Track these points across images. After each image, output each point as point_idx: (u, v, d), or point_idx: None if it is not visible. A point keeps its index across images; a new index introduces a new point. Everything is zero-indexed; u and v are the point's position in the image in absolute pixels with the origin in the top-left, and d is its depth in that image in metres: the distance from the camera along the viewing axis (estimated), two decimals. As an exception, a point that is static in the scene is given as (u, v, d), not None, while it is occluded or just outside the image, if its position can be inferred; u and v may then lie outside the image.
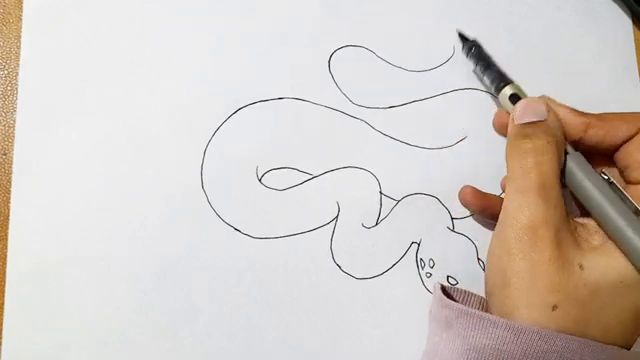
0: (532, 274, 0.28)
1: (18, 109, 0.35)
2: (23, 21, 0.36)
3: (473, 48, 0.37)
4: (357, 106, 0.37)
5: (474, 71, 0.37)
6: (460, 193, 0.36)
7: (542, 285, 0.27)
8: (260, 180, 0.36)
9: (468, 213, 0.36)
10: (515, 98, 0.33)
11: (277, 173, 0.36)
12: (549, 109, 0.31)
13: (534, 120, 0.30)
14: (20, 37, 0.36)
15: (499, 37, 0.40)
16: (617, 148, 0.30)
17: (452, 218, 0.36)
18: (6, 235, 0.33)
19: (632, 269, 0.27)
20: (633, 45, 0.41)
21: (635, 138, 0.30)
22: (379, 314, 0.34)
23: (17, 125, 0.35)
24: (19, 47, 0.36)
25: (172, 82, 0.36)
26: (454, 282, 0.35)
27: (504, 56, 0.39)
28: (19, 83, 0.35)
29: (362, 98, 0.37)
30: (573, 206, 0.33)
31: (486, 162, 0.37)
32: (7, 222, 0.34)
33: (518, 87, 0.34)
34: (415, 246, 0.36)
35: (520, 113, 0.31)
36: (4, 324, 0.32)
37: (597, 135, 0.30)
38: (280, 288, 0.34)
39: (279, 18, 0.38)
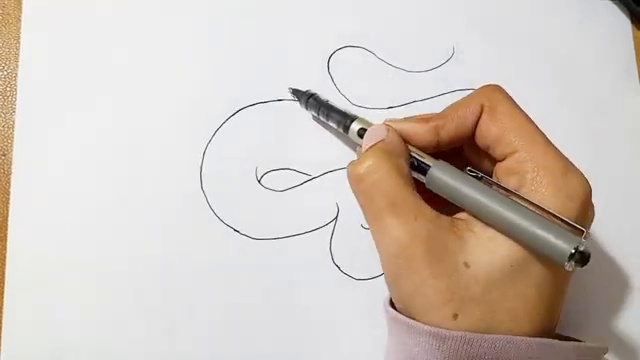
0: (421, 295, 0.26)
1: (17, 110, 0.35)
2: (22, 22, 0.36)
3: (309, 98, 0.35)
4: (356, 107, 0.37)
5: (318, 120, 0.36)
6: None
7: (435, 302, 0.26)
8: (259, 181, 0.36)
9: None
10: (363, 132, 0.32)
11: (276, 174, 0.36)
12: (389, 129, 0.30)
13: (373, 142, 0.29)
14: (19, 38, 0.36)
15: (499, 37, 0.40)
16: (472, 134, 0.29)
17: (451, 219, 0.36)
18: (5, 235, 0.33)
19: (517, 250, 0.26)
20: (632, 45, 0.41)
21: (481, 119, 0.29)
22: (378, 315, 0.34)
23: (16, 126, 0.35)
24: (18, 48, 0.36)
25: (172, 83, 0.36)
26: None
27: (504, 56, 0.40)
28: (18, 84, 0.35)
29: (361, 99, 0.37)
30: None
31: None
32: (6, 222, 0.34)
33: (364, 120, 0.33)
34: (414, 247, 0.35)
35: (364, 143, 0.30)
36: (3, 324, 0.32)
37: (449, 132, 0.29)
38: (279, 289, 0.34)
39: (278, 19, 0.38)
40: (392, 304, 0.29)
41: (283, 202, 0.36)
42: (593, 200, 0.29)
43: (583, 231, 0.26)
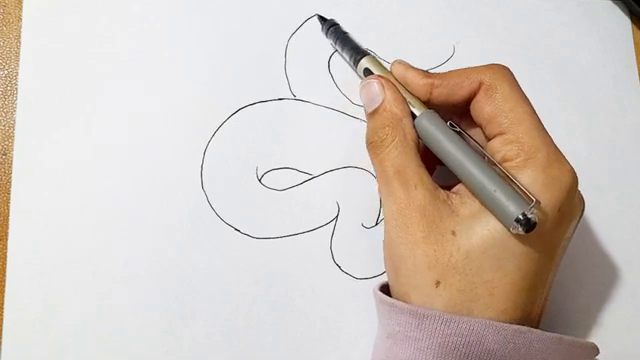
0: (412, 257, 0.28)
1: (18, 109, 0.35)
2: (23, 21, 0.36)
3: (331, 27, 0.36)
4: (357, 106, 0.37)
5: (336, 50, 0.37)
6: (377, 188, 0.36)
7: (421, 264, 0.28)
8: (260, 180, 0.36)
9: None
10: (368, 73, 0.33)
11: (277, 173, 0.36)
12: (384, 86, 0.31)
13: (374, 107, 0.31)
14: (20, 37, 0.36)
15: (499, 38, 0.40)
16: (467, 105, 0.31)
17: (452, 218, 0.36)
18: (6, 235, 0.33)
19: (500, 229, 0.27)
20: (632, 45, 0.42)
21: (477, 96, 0.30)
22: (379, 314, 0.34)
23: (17, 125, 0.35)
24: (19, 47, 0.36)
25: (172, 82, 0.36)
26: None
27: (504, 56, 0.40)
28: (19, 83, 0.35)
29: (362, 98, 0.37)
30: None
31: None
32: (7, 222, 0.34)
33: (373, 59, 0.34)
34: (415, 246, 0.36)
35: (363, 102, 0.32)
36: (4, 324, 0.32)
37: (442, 95, 0.31)
38: (280, 288, 0.34)
39: (279, 19, 0.38)
40: (381, 290, 0.31)
41: (283, 201, 0.36)
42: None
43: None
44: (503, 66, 0.30)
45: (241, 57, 0.37)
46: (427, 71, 0.32)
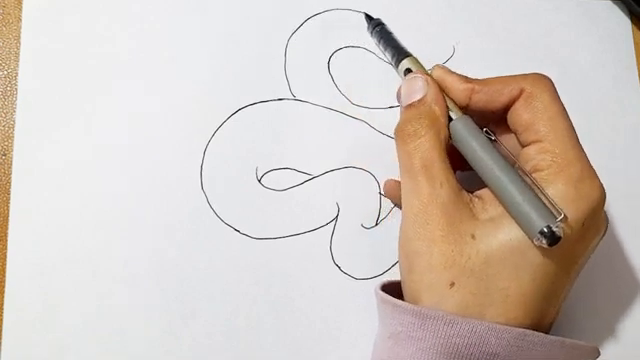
0: (428, 254, 0.28)
1: (18, 110, 0.35)
2: (22, 21, 0.36)
3: (377, 26, 0.36)
4: (357, 106, 0.37)
5: (380, 49, 0.37)
6: (384, 186, 0.36)
7: (437, 263, 0.28)
8: (260, 180, 0.36)
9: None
10: (408, 72, 0.33)
11: (277, 173, 0.36)
12: (429, 84, 0.31)
13: (414, 100, 0.31)
14: (20, 37, 0.36)
15: (499, 38, 0.40)
16: (505, 112, 0.30)
17: (452, 218, 0.36)
18: (6, 235, 0.33)
19: (522, 237, 0.27)
20: (632, 46, 0.42)
21: (517, 103, 0.30)
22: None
23: (17, 126, 0.35)
24: (19, 47, 0.36)
25: (172, 83, 0.36)
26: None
27: (504, 56, 0.40)
28: (19, 83, 0.35)
29: (361, 98, 0.38)
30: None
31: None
32: (7, 222, 0.34)
33: (415, 61, 0.34)
34: (415, 246, 0.36)
35: (402, 95, 0.32)
36: (3, 324, 0.32)
37: (481, 100, 0.30)
38: (279, 288, 0.34)
39: (279, 19, 0.38)
40: (382, 289, 0.30)
41: (283, 202, 0.36)
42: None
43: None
44: (545, 76, 0.30)
45: (241, 57, 0.37)
46: (468, 77, 0.31)
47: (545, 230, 0.26)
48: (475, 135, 0.29)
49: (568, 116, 0.29)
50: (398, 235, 0.30)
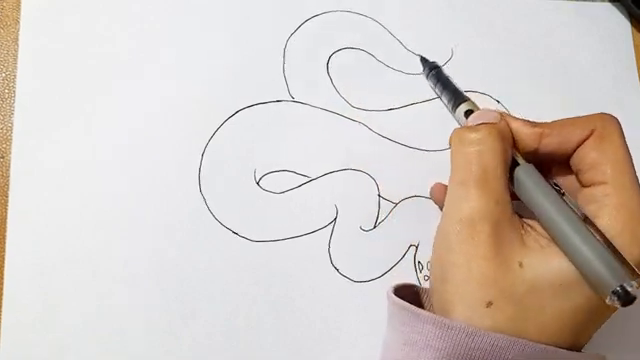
0: (468, 269, 0.27)
1: (16, 112, 0.35)
2: (21, 23, 0.36)
3: (432, 70, 0.37)
4: (355, 108, 0.37)
5: (435, 92, 0.38)
6: (431, 191, 0.36)
7: (476, 281, 0.27)
8: (258, 183, 0.36)
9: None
10: (469, 113, 0.33)
11: (275, 176, 0.36)
12: (501, 118, 0.30)
13: (483, 120, 0.30)
14: (18, 40, 0.36)
15: (499, 39, 0.40)
16: (571, 153, 0.30)
17: (450, 221, 0.36)
18: (4, 237, 0.33)
19: (572, 271, 0.26)
20: (632, 47, 0.41)
21: (587, 142, 0.29)
22: (377, 317, 0.34)
23: (15, 128, 0.35)
24: (17, 49, 0.36)
25: (170, 85, 0.36)
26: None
27: (503, 58, 0.40)
28: (17, 85, 0.35)
29: (360, 101, 0.37)
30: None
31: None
32: (5, 224, 0.34)
33: (474, 104, 0.34)
34: (413, 249, 0.36)
35: (472, 119, 0.31)
36: (2, 326, 0.32)
37: (552, 144, 0.30)
38: (278, 290, 0.34)
39: (277, 20, 0.38)
40: (400, 290, 0.30)
41: (282, 204, 0.36)
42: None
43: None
44: (613, 116, 0.30)
45: (239, 59, 0.37)
46: (532, 121, 0.31)
47: (619, 290, 0.25)
48: (542, 185, 0.29)
49: (632, 160, 0.29)
50: (435, 238, 0.30)
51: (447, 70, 0.37)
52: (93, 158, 0.35)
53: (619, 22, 0.42)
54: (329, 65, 0.38)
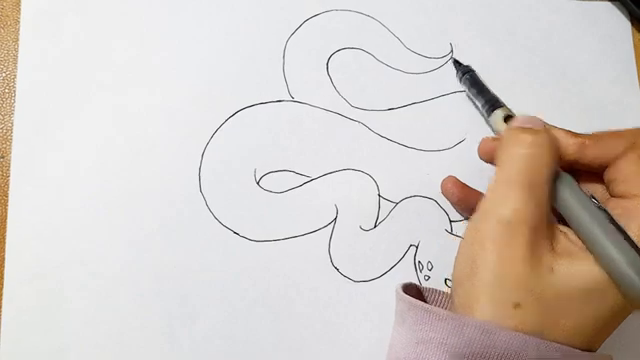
0: (501, 269, 0.27)
1: (16, 112, 0.35)
2: (21, 24, 0.36)
3: (465, 74, 0.37)
4: (355, 108, 0.37)
5: (467, 94, 0.38)
6: (443, 183, 0.36)
7: (508, 282, 0.27)
8: (258, 183, 0.36)
9: (466, 216, 0.36)
10: (509, 118, 0.33)
11: (275, 176, 0.36)
12: (545, 125, 0.31)
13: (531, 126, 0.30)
14: (18, 40, 0.36)
15: (499, 39, 0.40)
16: (609, 165, 0.30)
17: (450, 221, 0.36)
18: (4, 238, 0.33)
19: (601, 278, 0.27)
20: (632, 47, 0.41)
21: (628, 154, 0.29)
22: (377, 317, 0.34)
23: (15, 128, 0.35)
24: (17, 50, 0.36)
25: (170, 85, 0.36)
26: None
27: (503, 58, 0.40)
28: (17, 86, 0.35)
29: (360, 100, 0.37)
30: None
31: (485, 164, 0.37)
32: (5, 225, 0.34)
33: (509, 110, 0.34)
34: (413, 249, 0.36)
35: (521, 122, 0.31)
36: (2, 328, 0.32)
37: (592, 154, 0.30)
38: (278, 291, 0.34)
39: (277, 21, 0.38)
40: (404, 291, 0.30)
41: (282, 204, 0.36)
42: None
43: None
44: None
45: (239, 59, 0.37)
46: (573, 131, 0.31)
47: None
48: (581, 195, 0.29)
49: None
50: (465, 232, 0.30)
51: (477, 72, 0.38)
52: (93, 158, 0.35)
53: (619, 22, 0.42)
54: (329, 65, 0.38)
